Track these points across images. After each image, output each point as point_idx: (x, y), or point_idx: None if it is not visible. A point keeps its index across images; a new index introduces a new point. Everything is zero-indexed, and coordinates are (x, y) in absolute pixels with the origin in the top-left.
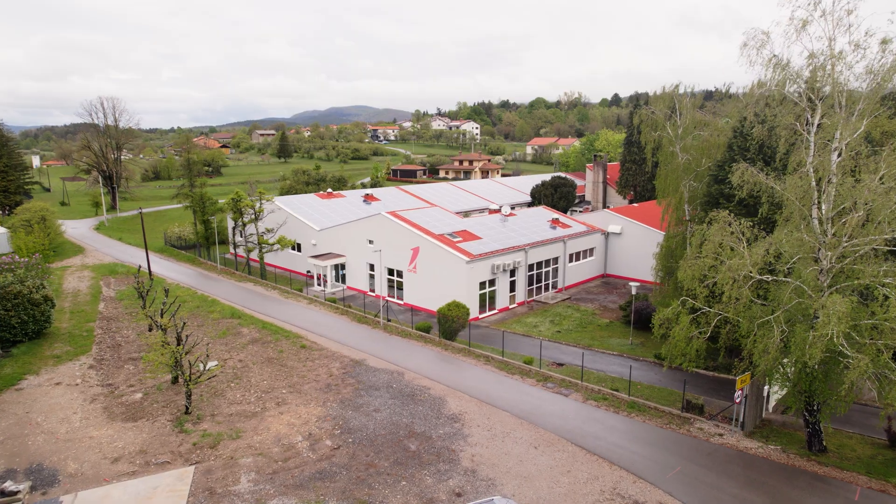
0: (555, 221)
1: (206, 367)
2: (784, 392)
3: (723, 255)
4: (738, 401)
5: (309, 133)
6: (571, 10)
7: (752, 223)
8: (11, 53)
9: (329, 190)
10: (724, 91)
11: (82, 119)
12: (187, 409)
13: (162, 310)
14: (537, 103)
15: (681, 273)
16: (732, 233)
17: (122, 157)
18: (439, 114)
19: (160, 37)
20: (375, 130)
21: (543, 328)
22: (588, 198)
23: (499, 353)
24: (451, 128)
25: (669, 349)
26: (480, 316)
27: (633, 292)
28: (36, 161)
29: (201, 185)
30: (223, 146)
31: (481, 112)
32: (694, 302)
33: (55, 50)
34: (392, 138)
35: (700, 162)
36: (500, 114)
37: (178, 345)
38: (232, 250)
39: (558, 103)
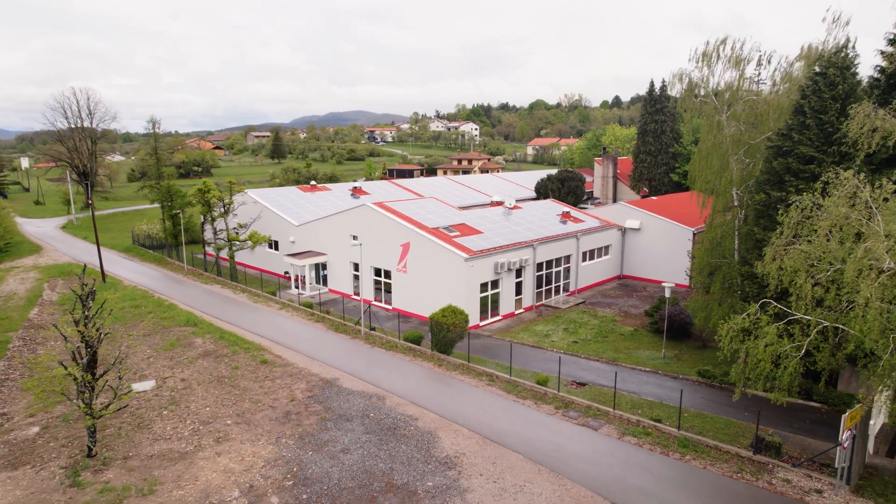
0: (565, 216)
1: (119, 395)
2: (880, 425)
3: (839, 235)
4: (845, 445)
5: (305, 135)
6: (573, 15)
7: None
8: (13, 58)
9: (313, 182)
10: (765, 58)
11: (53, 110)
12: (90, 450)
13: (85, 317)
14: (537, 105)
15: (768, 266)
16: (866, 203)
17: (115, 158)
18: (438, 116)
19: (160, 41)
20: (372, 132)
21: (557, 338)
22: (596, 194)
23: (505, 371)
24: (449, 129)
25: (745, 371)
26: (481, 323)
27: (667, 295)
28: (25, 163)
29: (169, 176)
30: (216, 148)
31: (480, 113)
32: (778, 305)
33: (56, 54)
34: (389, 140)
35: (754, 134)
36: (500, 115)
37: (77, 363)
38: (216, 251)
39: (559, 105)
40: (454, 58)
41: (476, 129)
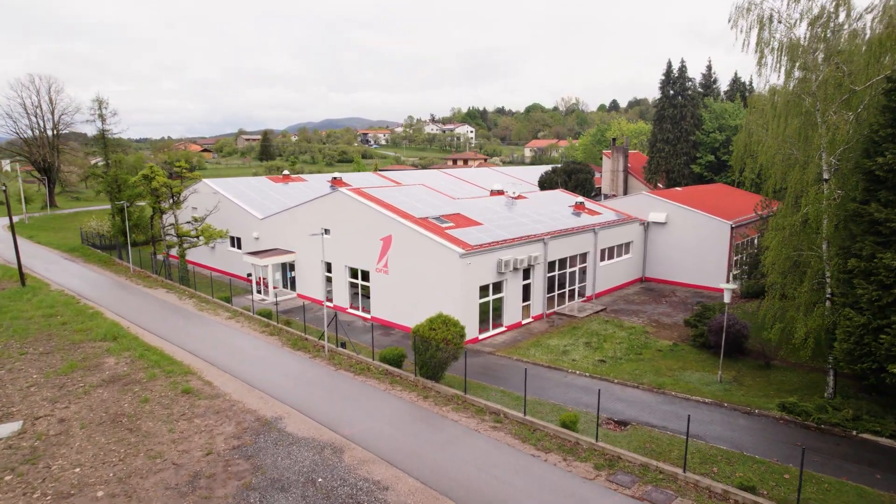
0: (579, 207)
1: None
2: None
3: None
4: None
5: (296, 138)
6: (572, 21)
7: None
8: (10, 63)
9: (286, 172)
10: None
11: (9, 99)
12: None
13: None
14: (534, 108)
15: None
16: None
17: (101, 162)
18: (433, 119)
19: (158, 47)
20: (366, 134)
21: (577, 355)
22: (605, 190)
23: (517, 404)
24: (444, 131)
25: None
26: (481, 336)
27: (726, 300)
28: (6, 165)
29: (116, 162)
30: (205, 150)
31: (476, 116)
32: None
33: (54, 60)
34: (383, 143)
35: (862, 76)
36: (496, 119)
37: None
38: (165, 249)
39: (556, 108)
40: (452, 65)
41: (472, 132)
